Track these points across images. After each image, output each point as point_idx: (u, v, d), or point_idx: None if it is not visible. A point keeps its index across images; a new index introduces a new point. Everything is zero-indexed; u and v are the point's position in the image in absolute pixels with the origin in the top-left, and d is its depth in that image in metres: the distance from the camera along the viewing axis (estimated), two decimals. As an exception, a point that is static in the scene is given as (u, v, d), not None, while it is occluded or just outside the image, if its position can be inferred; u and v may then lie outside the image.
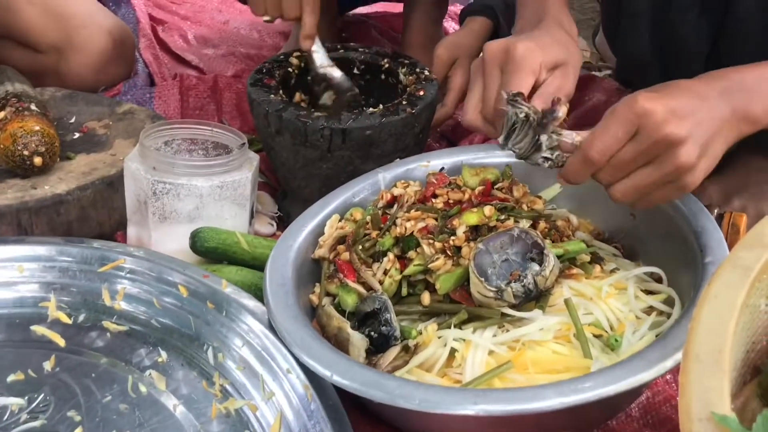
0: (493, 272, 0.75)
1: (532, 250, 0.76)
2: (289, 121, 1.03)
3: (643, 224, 0.89)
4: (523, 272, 0.74)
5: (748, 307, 0.57)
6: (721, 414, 0.48)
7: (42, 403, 0.77)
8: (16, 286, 0.88)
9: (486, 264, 0.75)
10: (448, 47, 1.24)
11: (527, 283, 0.73)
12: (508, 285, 0.74)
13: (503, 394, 0.64)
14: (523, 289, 0.73)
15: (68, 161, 1.06)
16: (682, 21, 1.05)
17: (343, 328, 0.74)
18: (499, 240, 0.77)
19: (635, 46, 1.13)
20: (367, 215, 0.89)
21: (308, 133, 1.02)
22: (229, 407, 0.77)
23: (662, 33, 1.08)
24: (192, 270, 0.87)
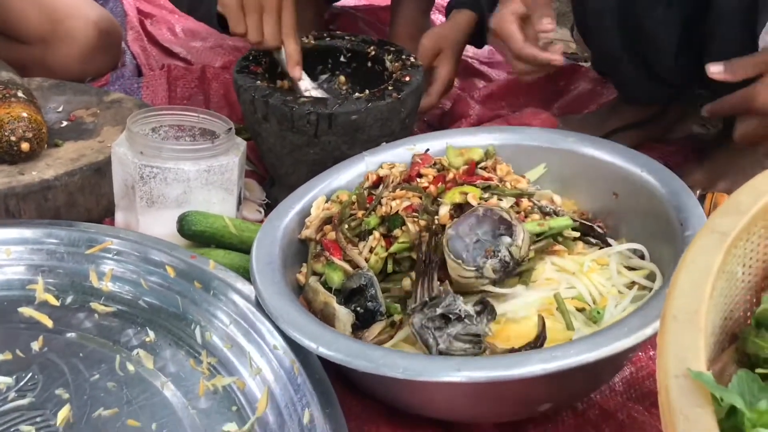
0: (468, 255, 0.75)
1: (500, 226, 0.77)
2: (275, 107, 1.03)
3: (626, 203, 0.90)
4: (496, 248, 0.75)
5: (725, 273, 0.58)
6: (697, 371, 0.49)
7: (30, 381, 0.77)
8: (3, 269, 0.88)
9: (460, 248, 0.76)
10: (432, 38, 1.25)
11: (503, 256, 0.74)
12: (486, 262, 0.75)
13: (486, 361, 0.65)
14: (500, 263, 0.74)
15: (56, 148, 1.06)
16: (649, 16, 1.06)
17: (329, 303, 0.75)
18: (467, 222, 0.77)
19: (604, 41, 1.14)
20: (353, 196, 0.90)
21: (295, 119, 1.03)
22: (217, 384, 0.78)
23: (631, 28, 1.10)
24: (179, 251, 0.88)
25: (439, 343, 0.68)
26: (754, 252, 0.62)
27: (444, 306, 0.70)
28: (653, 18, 1.07)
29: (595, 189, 0.92)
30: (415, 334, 0.70)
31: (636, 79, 1.17)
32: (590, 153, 0.93)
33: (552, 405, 0.74)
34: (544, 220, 0.82)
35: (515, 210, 0.82)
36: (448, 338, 0.69)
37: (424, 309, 0.70)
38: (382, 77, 1.17)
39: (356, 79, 1.22)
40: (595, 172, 0.92)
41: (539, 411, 0.75)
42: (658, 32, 1.07)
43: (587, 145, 0.94)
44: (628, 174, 0.89)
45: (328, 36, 1.23)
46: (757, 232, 0.61)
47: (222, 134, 1.00)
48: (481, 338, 0.69)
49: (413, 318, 0.70)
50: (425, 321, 0.70)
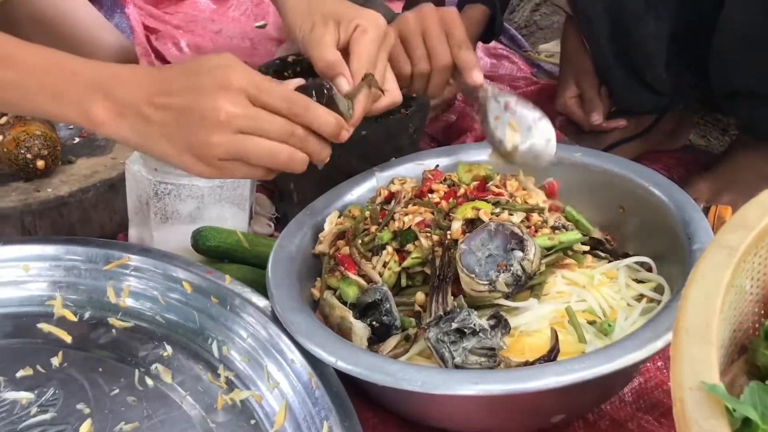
0: (480, 269, 0.77)
1: (511, 240, 0.78)
2: None
3: (633, 217, 0.92)
4: (508, 262, 0.77)
5: (734, 287, 0.60)
6: (711, 383, 0.51)
7: (51, 396, 0.78)
8: (22, 285, 0.90)
9: (472, 263, 0.77)
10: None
11: (515, 270, 0.76)
12: (498, 276, 0.76)
13: (502, 374, 0.67)
14: (513, 276, 0.76)
15: (70, 164, 1.08)
16: (638, 27, 1.09)
17: (346, 317, 0.77)
18: (479, 237, 0.79)
19: (597, 49, 1.16)
20: (366, 211, 0.92)
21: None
22: (235, 398, 0.79)
23: (621, 38, 1.12)
24: (195, 266, 0.89)
25: (455, 357, 0.70)
26: (762, 266, 0.64)
27: (459, 320, 0.71)
28: (642, 29, 1.09)
29: (601, 202, 0.94)
30: (431, 347, 0.72)
31: (629, 87, 1.19)
32: (597, 167, 0.95)
33: (565, 416, 0.76)
34: (554, 235, 0.84)
35: (526, 225, 0.84)
36: (464, 352, 0.70)
37: (440, 323, 0.72)
38: None
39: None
40: (601, 186, 0.94)
41: (552, 422, 0.76)
42: (648, 43, 1.10)
43: (593, 159, 0.96)
44: (634, 188, 0.91)
45: None
46: (765, 246, 0.63)
47: (234, 150, 1.02)
48: (495, 352, 0.71)
49: (429, 332, 0.72)
50: (440, 335, 0.71)
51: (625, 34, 1.10)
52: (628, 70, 1.15)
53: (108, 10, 1.70)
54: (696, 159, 1.31)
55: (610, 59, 1.15)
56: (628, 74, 1.16)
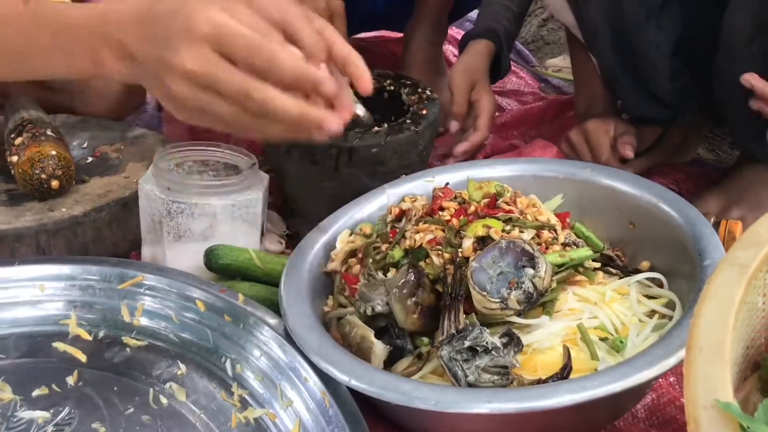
0: (492, 287, 0.77)
1: (522, 258, 0.79)
2: (297, 141, 1.06)
3: (643, 232, 0.92)
4: (519, 279, 0.77)
5: (746, 304, 0.60)
6: (725, 401, 0.51)
7: (67, 415, 0.79)
8: (37, 305, 0.90)
9: (483, 281, 0.78)
10: (463, 73, 1.24)
11: (526, 287, 0.76)
12: (510, 293, 0.77)
13: (515, 393, 0.67)
14: (524, 294, 0.76)
15: (83, 184, 1.09)
16: (640, 38, 1.09)
17: (367, 336, 0.77)
18: (490, 255, 0.79)
19: (603, 59, 1.17)
20: (377, 229, 0.93)
21: (316, 153, 1.06)
22: (249, 416, 0.80)
23: (624, 48, 1.12)
24: (209, 285, 0.90)
25: (468, 375, 0.70)
26: (774, 282, 0.64)
27: (471, 338, 0.72)
28: (643, 39, 1.09)
29: (611, 218, 0.95)
30: (444, 366, 0.72)
31: (636, 98, 1.19)
32: (606, 183, 0.96)
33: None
34: (565, 252, 0.84)
35: (536, 242, 0.84)
36: (477, 370, 0.70)
37: (452, 341, 0.73)
38: (400, 110, 1.20)
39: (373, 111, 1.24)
40: (611, 202, 0.95)
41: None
42: (650, 53, 1.10)
43: (603, 176, 0.97)
44: (644, 203, 0.92)
45: None
46: (776, 263, 0.63)
47: (246, 169, 1.03)
48: (508, 369, 0.71)
49: (441, 350, 0.72)
50: (453, 353, 0.72)
51: (628, 44, 1.11)
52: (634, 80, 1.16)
53: None
54: (705, 173, 1.31)
55: (617, 71, 1.16)
56: (635, 85, 1.16)
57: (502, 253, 0.79)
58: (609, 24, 1.11)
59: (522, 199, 0.91)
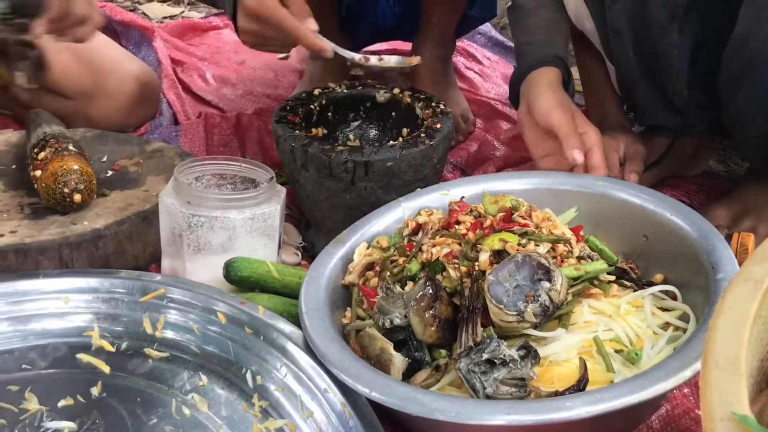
0: (508, 300, 0.79)
1: (538, 271, 0.80)
2: (314, 156, 1.08)
3: (656, 245, 0.93)
4: (536, 292, 0.78)
5: (761, 318, 0.61)
6: (741, 414, 0.52)
7: (92, 426, 0.81)
8: (62, 317, 0.92)
9: (500, 294, 0.79)
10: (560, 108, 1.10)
11: (543, 300, 0.78)
12: (526, 306, 0.78)
13: (534, 404, 0.68)
14: (541, 307, 0.78)
15: (104, 198, 1.11)
16: (662, 40, 1.10)
17: (387, 349, 0.79)
18: (506, 268, 0.81)
19: (623, 63, 1.17)
20: (393, 242, 0.94)
21: (332, 167, 1.07)
22: (270, 427, 0.81)
23: (645, 51, 1.13)
24: (229, 297, 0.92)
25: (486, 387, 0.72)
26: (787, 296, 0.65)
27: (489, 351, 0.73)
28: (665, 43, 1.10)
29: (625, 231, 0.96)
30: (462, 378, 0.73)
31: (653, 105, 1.20)
32: (620, 197, 0.97)
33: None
34: (580, 265, 0.85)
35: (552, 255, 0.86)
36: (495, 382, 0.72)
37: (471, 354, 0.74)
38: (414, 124, 1.21)
39: (388, 125, 1.26)
40: (624, 216, 0.96)
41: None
42: (671, 55, 1.11)
43: (617, 189, 0.98)
44: (657, 217, 0.93)
45: (359, 84, 1.28)
46: (790, 277, 0.64)
47: (264, 183, 1.04)
48: (525, 382, 0.72)
49: (460, 363, 0.74)
50: (471, 366, 0.73)
51: (649, 46, 1.11)
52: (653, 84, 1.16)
53: (136, 44, 1.75)
54: (716, 185, 1.32)
55: (636, 73, 1.16)
56: (653, 90, 1.17)
57: (519, 267, 0.81)
58: (632, 25, 1.11)
59: (537, 213, 0.92)
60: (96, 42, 1.44)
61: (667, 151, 1.29)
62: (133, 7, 2.21)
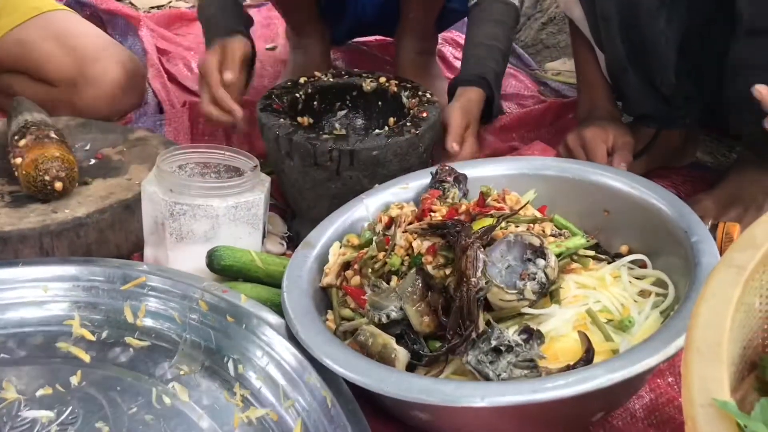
0: (501, 280, 0.79)
1: (526, 251, 0.81)
2: (299, 144, 1.07)
3: (618, 219, 0.95)
4: (531, 271, 0.79)
5: (743, 305, 0.61)
6: (722, 400, 0.52)
7: (70, 415, 0.80)
8: (41, 306, 0.91)
9: (494, 274, 0.80)
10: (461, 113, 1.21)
11: (539, 278, 0.79)
12: (525, 284, 0.78)
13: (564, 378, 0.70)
14: (538, 284, 0.79)
15: (86, 186, 1.10)
16: (650, 27, 1.10)
17: (389, 344, 0.78)
18: (498, 249, 0.81)
19: (612, 50, 1.17)
20: (365, 239, 0.93)
21: (317, 155, 1.07)
22: (251, 416, 0.81)
23: (633, 38, 1.13)
24: (211, 286, 0.91)
25: (500, 374, 0.72)
26: (771, 283, 0.65)
27: (495, 339, 0.73)
28: (654, 27, 1.10)
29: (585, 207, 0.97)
30: (473, 370, 0.74)
31: (640, 93, 1.20)
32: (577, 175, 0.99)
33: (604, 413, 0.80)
34: (560, 242, 0.86)
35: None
36: (509, 366, 0.72)
37: (477, 345, 0.74)
38: (401, 113, 1.21)
39: (375, 115, 1.26)
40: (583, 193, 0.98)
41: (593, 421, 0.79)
42: (659, 42, 1.11)
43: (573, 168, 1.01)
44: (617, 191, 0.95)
45: (346, 74, 1.27)
46: (773, 264, 0.64)
47: (248, 171, 1.03)
48: (535, 362, 0.73)
49: (467, 356, 0.74)
50: (480, 356, 0.73)
51: (637, 33, 1.11)
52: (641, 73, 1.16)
53: (122, 33, 1.73)
54: (703, 176, 1.32)
55: (624, 62, 1.16)
56: (641, 79, 1.17)
57: (510, 247, 0.81)
58: (621, 12, 1.11)
59: (510, 196, 0.93)
60: (81, 29, 1.43)
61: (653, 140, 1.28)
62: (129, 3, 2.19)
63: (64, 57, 1.37)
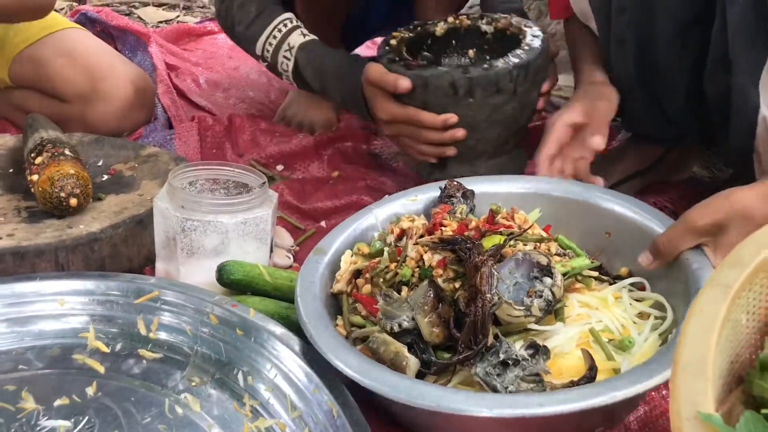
0: (510, 296, 0.83)
1: (533, 269, 0.84)
2: (479, 77, 1.14)
3: (619, 241, 0.98)
4: (538, 288, 0.82)
5: (730, 321, 0.64)
6: (707, 413, 0.55)
7: (87, 425, 0.83)
8: (58, 318, 0.95)
9: (503, 290, 0.83)
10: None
11: (546, 295, 0.82)
12: (532, 302, 0.82)
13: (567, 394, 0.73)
14: (545, 302, 0.82)
15: (99, 202, 1.13)
16: (666, 53, 1.12)
17: (401, 352, 0.81)
18: (507, 266, 0.85)
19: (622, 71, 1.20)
20: (374, 249, 0.96)
21: (499, 80, 1.14)
22: (260, 426, 0.84)
23: (646, 62, 1.16)
24: (221, 300, 0.94)
25: (508, 386, 0.76)
26: (757, 300, 0.68)
27: (503, 352, 0.77)
28: (669, 56, 1.12)
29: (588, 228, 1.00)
30: (481, 381, 0.77)
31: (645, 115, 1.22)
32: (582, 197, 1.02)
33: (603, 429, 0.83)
34: (566, 261, 0.89)
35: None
36: (516, 380, 0.76)
37: (486, 357, 0.77)
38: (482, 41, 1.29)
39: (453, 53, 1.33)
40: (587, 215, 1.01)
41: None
42: (671, 71, 1.13)
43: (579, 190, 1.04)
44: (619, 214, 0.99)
45: (417, 26, 1.33)
46: (759, 282, 0.67)
47: (256, 188, 1.07)
48: (541, 377, 0.76)
49: (476, 368, 0.77)
50: (488, 368, 0.76)
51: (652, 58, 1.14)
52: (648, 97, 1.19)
53: (131, 49, 1.77)
54: (700, 192, 1.34)
55: (633, 81, 1.18)
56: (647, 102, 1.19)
57: (518, 265, 0.84)
58: (638, 37, 1.14)
59: (519, 215, 0.95)
60: (92, 47, 1.47)
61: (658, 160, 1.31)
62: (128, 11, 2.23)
63: (76, 74, 1.41)
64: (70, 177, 1.07)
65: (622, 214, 0.98)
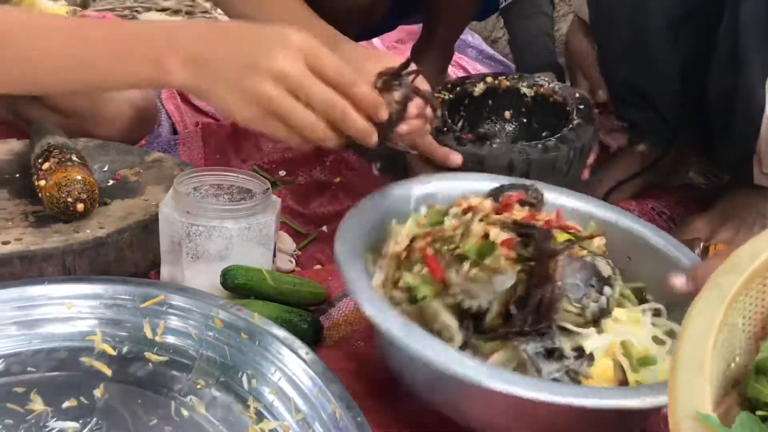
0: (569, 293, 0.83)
1: (593, 277, 0.84)
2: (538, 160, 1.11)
3: (639, 266, 0.99)
4: (597, 295, 0.83)
5: (727, 325, 0.66)
6: (704, 413, 0.57)
7: (95, 426, 0.84)
8: (65, 322, 0.96)
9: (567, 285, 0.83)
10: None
11: (601, 304, 0.83)
12: (588, 304, 0.82)
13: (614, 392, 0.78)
14: (599, 309, 0.83)
15: (105, 207, 1.15)
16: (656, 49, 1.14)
17: (450, 327, 0.81)
18: (572, 266, 0.84)
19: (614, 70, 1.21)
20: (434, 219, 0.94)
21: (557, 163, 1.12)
22: (264, 428, 0.85)
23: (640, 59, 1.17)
24: (227, 304, 0.95)
25: (553, 373, 0.77)
26: (753, 305, 0.69)
27: (555, 342, 0.78)
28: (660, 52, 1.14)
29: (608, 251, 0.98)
30: (529, 358, 0.78)
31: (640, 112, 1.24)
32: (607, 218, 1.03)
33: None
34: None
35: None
36: (562, 369, 0.77)
37: (539, 338, 0.78)
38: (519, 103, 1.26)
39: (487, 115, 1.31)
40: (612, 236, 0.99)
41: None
42: (664, 67, 1.15)
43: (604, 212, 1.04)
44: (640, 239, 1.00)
45: (455, 85, 1.31)
46: (755, 287, 0.69)
47: (260, 194, 1.08)
48: (581, 377, 0.78)
49: (527, 345, 0.78)
50: (538, 348, 0.78)
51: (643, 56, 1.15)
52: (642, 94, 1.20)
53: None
54: (696, 197, 1.36)
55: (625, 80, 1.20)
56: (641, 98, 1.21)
57: (582, 268, 0.84)
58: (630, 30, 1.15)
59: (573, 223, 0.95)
60: None
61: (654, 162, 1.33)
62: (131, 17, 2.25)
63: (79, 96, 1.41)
64: (77, 182, 1.08)
65: (647, 240, 0.99)
